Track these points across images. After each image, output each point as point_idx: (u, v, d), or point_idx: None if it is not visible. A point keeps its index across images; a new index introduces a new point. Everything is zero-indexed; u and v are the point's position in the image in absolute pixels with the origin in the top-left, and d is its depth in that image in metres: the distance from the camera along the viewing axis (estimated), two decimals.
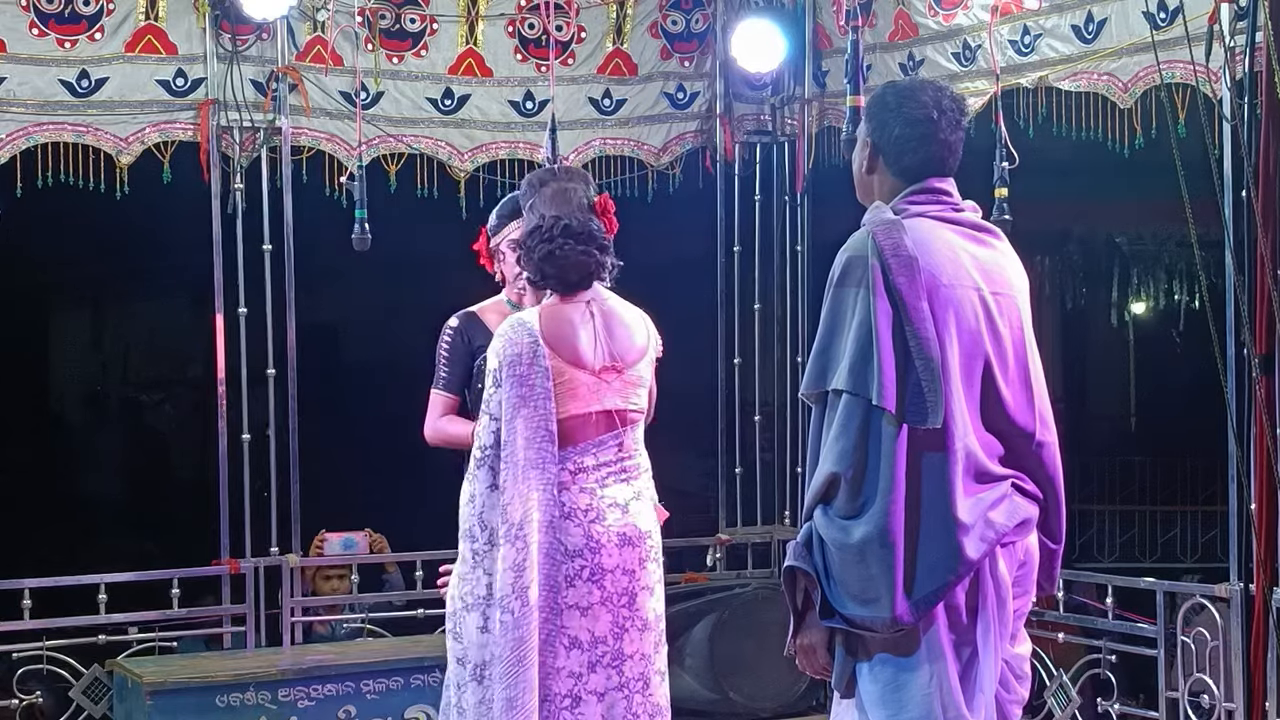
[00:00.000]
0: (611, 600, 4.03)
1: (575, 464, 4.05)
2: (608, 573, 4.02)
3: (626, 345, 4.12)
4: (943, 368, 3.13)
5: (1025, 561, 3.32)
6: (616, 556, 4.04)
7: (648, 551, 4.10)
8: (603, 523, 4.04)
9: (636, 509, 4.10)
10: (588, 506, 4.04)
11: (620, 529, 4.05)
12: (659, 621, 4.13)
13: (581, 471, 4.05)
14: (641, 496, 4.13)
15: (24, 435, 9.28)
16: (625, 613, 4.04)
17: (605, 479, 4.08)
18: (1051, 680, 5.83)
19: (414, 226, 6.96)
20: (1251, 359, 4.89)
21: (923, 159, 3.34)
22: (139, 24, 5.97)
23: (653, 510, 4.17)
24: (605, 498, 4.06)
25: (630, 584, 4.05)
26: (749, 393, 7.12)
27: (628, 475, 4.12)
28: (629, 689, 4.04)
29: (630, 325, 4.16)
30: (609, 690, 4.02)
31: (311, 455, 6.26)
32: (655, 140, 6.88)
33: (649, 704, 4.07)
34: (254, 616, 6.10)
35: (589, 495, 4.04)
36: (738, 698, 6.32)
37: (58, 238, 8.20)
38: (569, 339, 4.05)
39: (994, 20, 5.77)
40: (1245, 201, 4.84)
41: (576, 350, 4.05)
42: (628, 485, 4.11)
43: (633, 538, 4.07)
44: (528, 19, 6.57)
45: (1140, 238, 12.39)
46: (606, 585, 4.03)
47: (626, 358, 4.11)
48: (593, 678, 4.01)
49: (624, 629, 4.05)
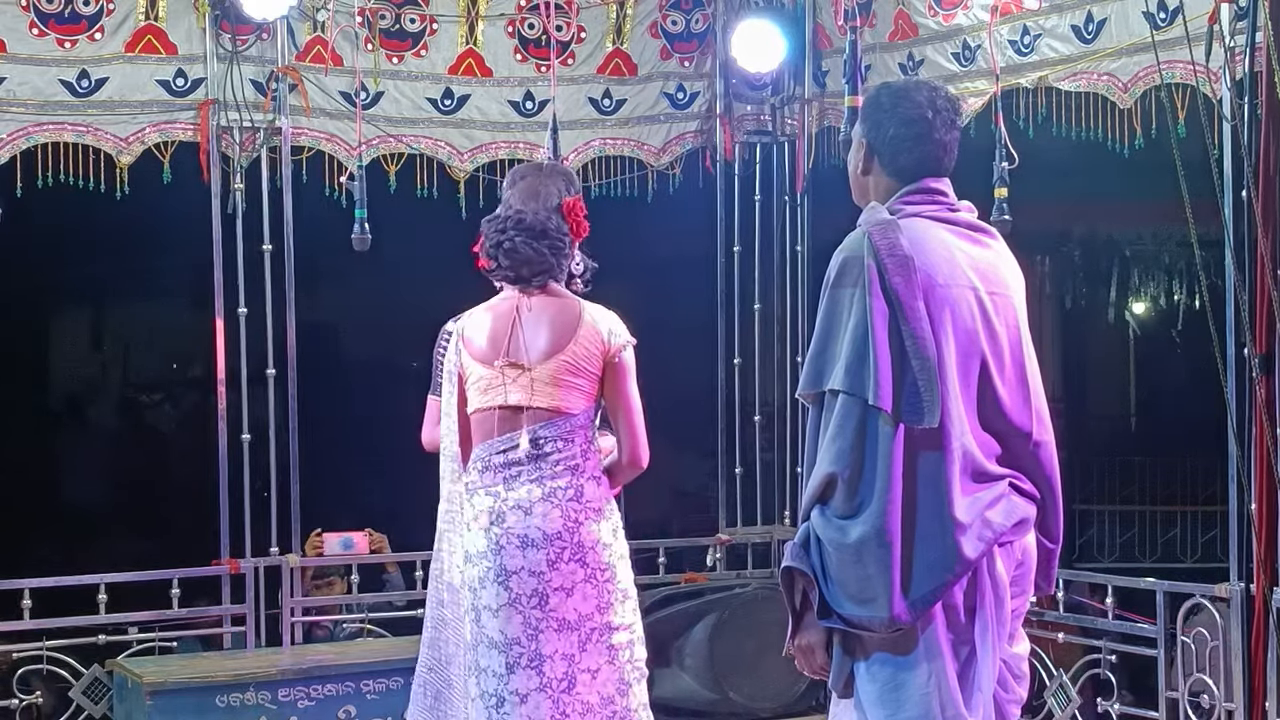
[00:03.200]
0: (520, 602, 4.05)
1: (483, 462, 4.14)
2: (512, 574, 4.05)
3: (543, 343, 4.11)
4: (939, 367, 3.13)
5: (1023, 561, 3.32)
6: (520, 558, 4.05)
7: (558, 553, 4.06)
8: (502, 524, 4.07)
9: (542, 510, 4.07)
10: (489, 509, 4.10)
11: (521, 531, 4.06)
12: (584, 621, 4.08)
13: (489, 470, 4.12)
14: (554, 496, 4.09)
15: (24, 435, 9.27)
16: (537, 614, 4.05)
17: (513, 479, 4.10)
18: (1051, 680, 5.83)
19: (414, 226, 6.95)
20: (1251, 359, 4.89)
21: (918, 159, 3.34)
22: (139, 24, 5.98)
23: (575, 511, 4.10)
24: (509, 500, 4.09)
25: (539, 585, 4.05)
26: (749, 393, 7.12)
27: (540, 475, 4.09)
28: (552, 689, 4.04)
29: (557, 323, 4.14)
30: (530, 691, 4.03)
31: (311, 455, 6.26)
32: (655, 140, 6.88)
33: (577, 702, 4.06)
34: (254, 617, 6.10)
35: (493, 498, 4.10)
36: (737, 698, 6.32)
37: (58, 238, 8.20)
38: (481, 334, 4.16)
39: (994, 20, 5.77)
40: (1245, 201, 4.84)
41: (482, 345, 4.15)
42: (538, 485, 4.09)
43: (535, 540, 4.06)
44: (528, 19, 6.57)
45: (1140, 238, 12.40)
46: (513, 587, 4.05)
47: (536, 355, 4.10)
48: (513, 679, 4.03)
49: (538, 630, 4.05)
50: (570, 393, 4.11)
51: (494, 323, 4.17)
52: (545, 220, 4.13)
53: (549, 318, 4.14)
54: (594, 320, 4.16)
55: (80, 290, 10.30)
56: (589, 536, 4.10)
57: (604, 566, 4.12)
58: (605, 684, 4.10)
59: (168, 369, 10.46)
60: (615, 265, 4.38)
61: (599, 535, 4.12)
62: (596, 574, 4.11)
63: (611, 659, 4.12)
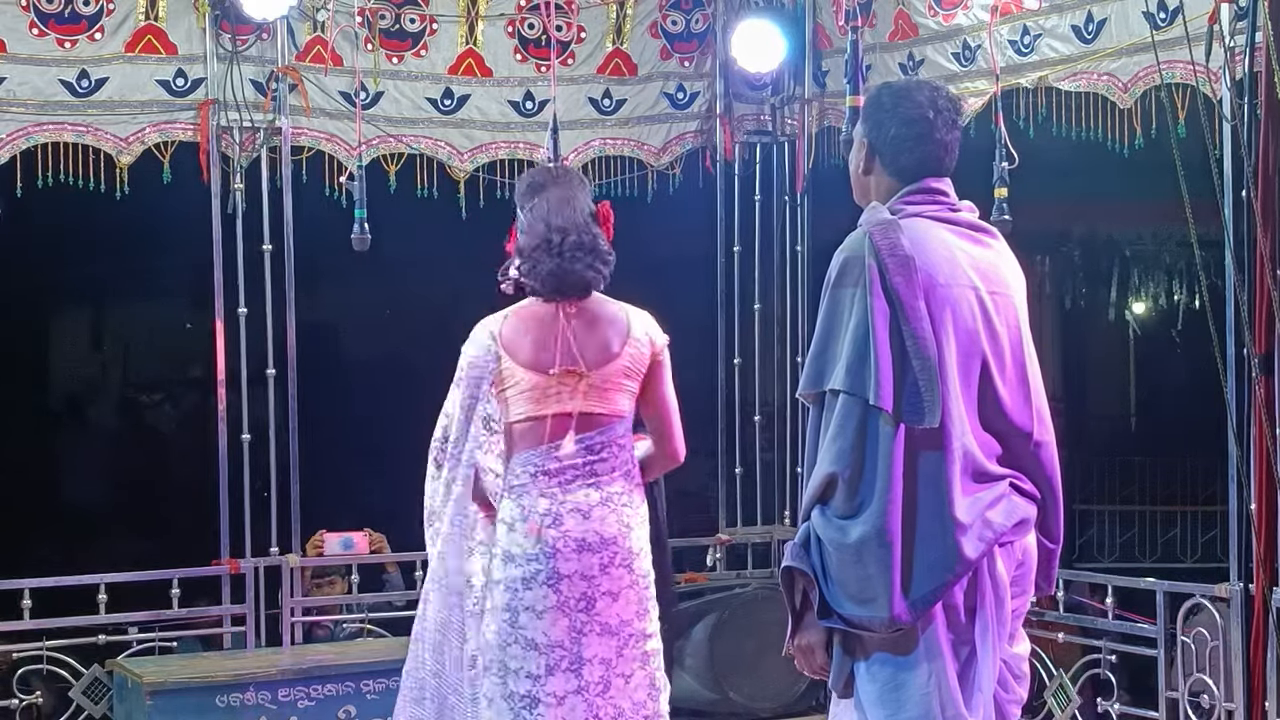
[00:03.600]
0: (568, 605, 4.02)
1: (536, 466, 4.06)
2: (564, 578, 4.02)
3: (597, 349, 4.09)
4: (940, 367, 3.13)
5: (1023, 561, 3.32)
6: (575, 562, 4.02)
7: (610, 558, 4.06)
8: (560, 527, 4.03)
9: (601, 515, 4.06)
10: (546, 510, 4.04)
11: (580, 535, 4.03)
12: (624, 626, 4.08)
13: (543, 474, 4.05)
14: (611, 501, 4.08)
15: (24, 435, 9.28)
16: (583, 618, 4.03)
17: (570, 483, 4.06)
18: (1051, 680, 5.83)
19: (414, 226, 6.96)
20: (1251, 359, 4.89)
21: (919, 159, 3.33)
22: (139, 24, 5.98)
23: (628, 516, 4.10)
24: (567, 503, 4.05)
25: (589, 589, 4.04)
26: (749, 393, 7.12)
27: (597, 479, 4.08)
28: (588, 693, 4.04)
29: (608, 327, 4.12)
30: (568, 694, 4.02)
31: (311, 455, 6.26)
32: (655, 140, 6.88)
33: (609, 706, 4.06)
34: (254, 617, 6.10)
35: (549, 500, 4.04)
36: (737, 698, 6.32)
37: (58, 238, 8.20)
38: (527, 342, 4.07)
39: (994, 20, 5.77)
40: (1245, 201, 4.84)
41: (532, 353, 4.06)
42: (596, 490, 4.07)
43: (592, 544, 4.04)
44: (528, 19, 6.57)
45: (1140, 238, 12.40)
46: (563, 590, 4.02)
47: (593, 361, 4.07)
48: (551, 680, 4.01)
49: (581, 633, 4.04)
50: (623, 396, 4.12)
51: (539, 330, 4.08)
52: (595, 238, 4.10)
53: (601, 324, 4.11)
54: (639, 322, 4.17)
55: (80, 290, 10.30)
56: (636, 542, 4.12)
57: (644, 574, 4.15)
58: (637, 689, 4.12)
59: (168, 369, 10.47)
60: (615, 265, 4.37)
61: (642, 542, 4.15)
62: (639, 580, 4.12)
63: (644, 664, 4.14)
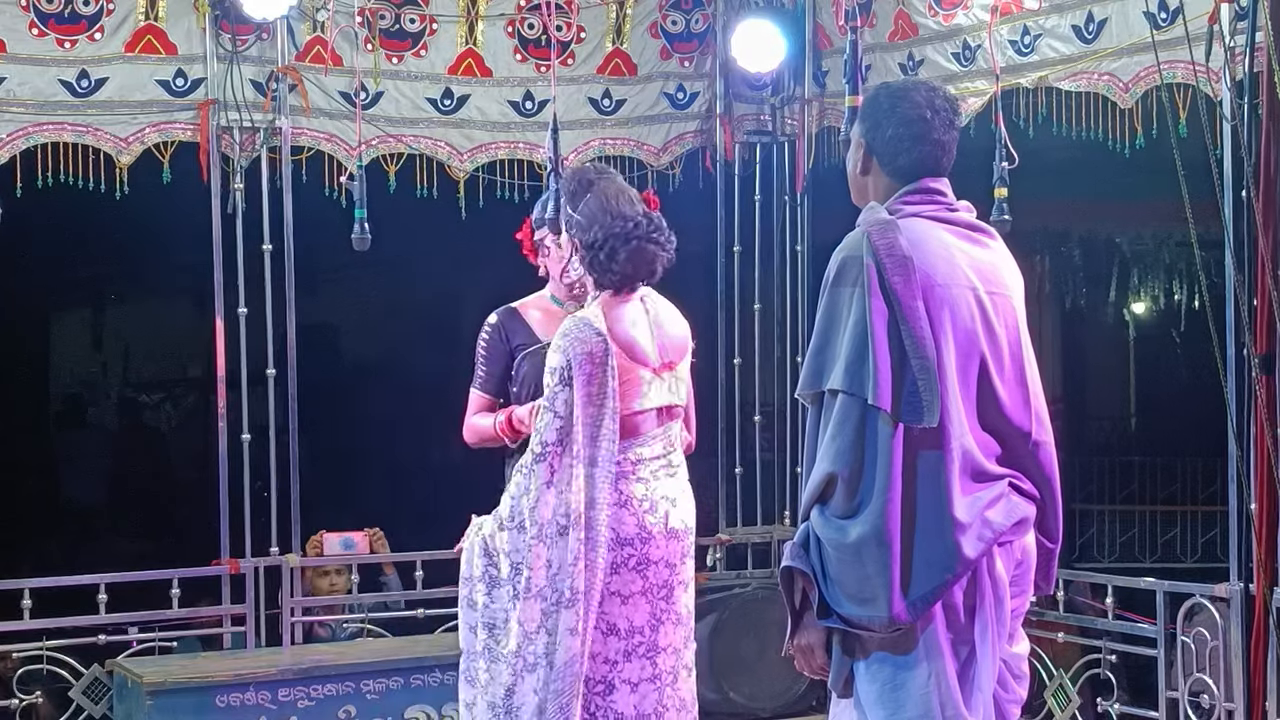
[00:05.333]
0: (652, 591, 4.08)
1: (636, 454, 4.12)
2: (652, 564, 4.09)
3: (675, 342, 4.22)
4: (939, 367, 3.14)
5: (1023, 561, 3.32)
6: (663, 548, 4.10)
7: (688, 547, 4.18)
8: (655, 513, 4.11)
9: (683, 504, 4.19)
10: (643, 496, 4.11)
11: (672, 523, 4.13)
12: (690, 617, 4.20)
13: (641, 462, 4.12)
14: (687, 492, 4.22)
15: (24, 435, 9.29)
16: (663, 605, 4.10)
17: (657, 472, 4.15)
18: (1051, 680, 5.83)
19: (414, 226, 6.96)
20: (1251, 359, 4.89)
21: (917, 159, 3.34)
22: (139, 24, 5.97)
23: (694, 508, 4.24)
24: (658, 490, 4.13)
25: (670, 577, 4.12)
26: (749, 393, 7.12)
27: (674, 470, 4.21)
28: (661, 681, 4.09)
29: (680, 323, 4.26)
30: (642, 681, 4.06)
31: (311, 455, 6.26)
32: (655, 140, 6.88)
33: (677, 697, 4.14)
34: (254, 616, 6.10)
35: (645, 485, 4.11)
36: (738, 698, 6.32)
37: (58, 238, 8.21)
38: (633, 337, 4.13)
39: (994, 20, 5.76)
40: (1245, 201, 4.84)
41: (640, 348, 4.13)
42: (674, 480, 4.19)
43: (679, 532, 4.15)
44: (527, 19, 6.57)
45: (1140, 238, 12.40)
46: (649, 576, 4.08)
47: (677, 354, 4.21)
48: (628, 666, 4.05)
49: (660, 621, 4.10)
50: (685, 388, 4.26)
51: (633, 324, 4.13)
52: (660, 219, 4.19)
53: (671, 317, 4.25)
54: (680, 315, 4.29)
55: (80, 290, 10.32)
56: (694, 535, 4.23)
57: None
58: (693, 684, 4.21)
59: (168, 369, 10.48)
60: None
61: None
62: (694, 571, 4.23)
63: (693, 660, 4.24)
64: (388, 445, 8.77)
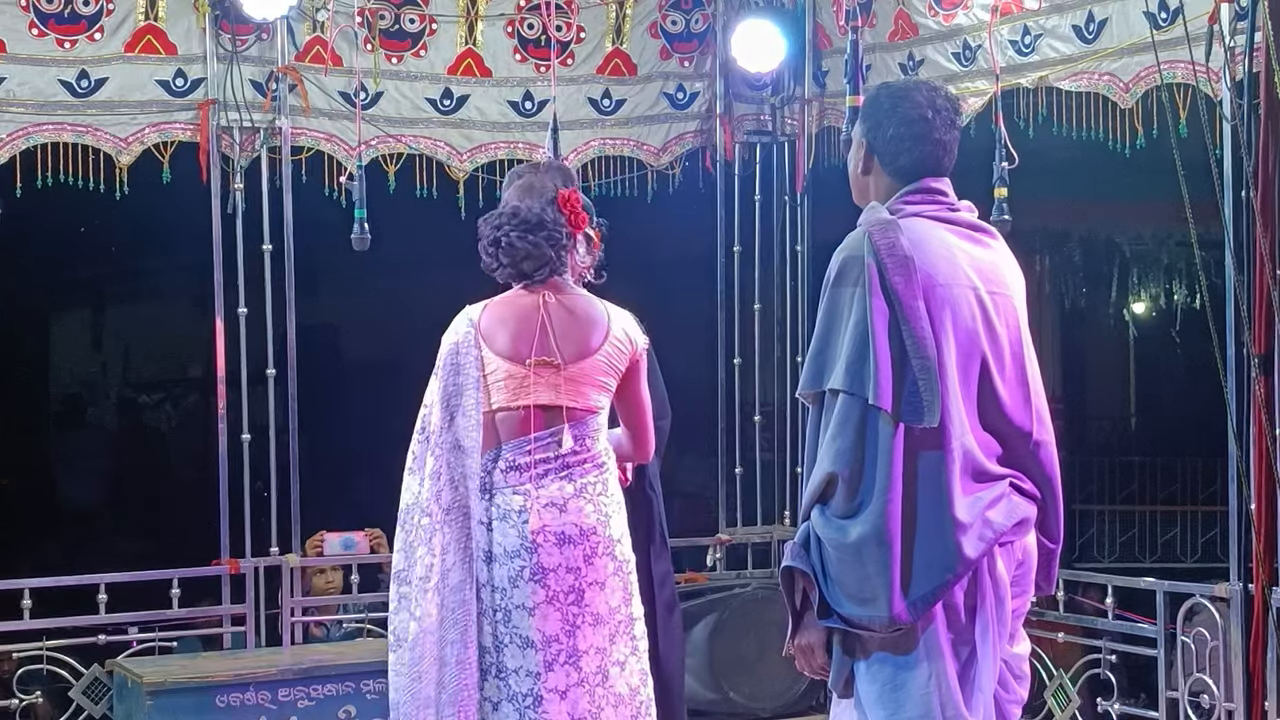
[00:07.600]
0: (559, 599, 4.02)
1: (508, 461, 4.07)
2: (549, 572, 4.02)
3: (574, 343, 4.09)
4: (939, 367, 3.13)
5: (1023, 561, 3.32)
6: (557, 555, 4.02)
7: (593, 548, 4.07)
8: (539, 522, 4.03)
9: (577, 506, 4.07)
10: (521, 508, 4.04)
11: (558, 528, 4.04)
12: (614, 614, 4.10)
13: (514, 470, 4.06)
14: (586, 492, 4.09)
15: (24, 435, 9.29)
16: (574, 610, 4.03)
17: (543, 476, 4.06)
18: (1051, 680, 5.83)
19: (414, 226, 6.96)
20: (1251, 359, 4.89)
21: (918, 159, 3.34)
22: (139, 24, 5.97)
23: (605, 505, 4.12)
24: (541, 497, 4.04)
25: (576, 581, 4.04)
26: (749, 393, 7.12)
27: (570, 472, 4.08)
28: (589, 683, 4.04)
29: (587, 323, 4.12)
30: (570, 687, 4.01)
31: (311, 455, 6.26)
32: (655, 140, 6.88)
33: (610, 694, 4.07)
34: (254, 616, 6.10)
35: (523, 496, 4.04)
36: (738, 698, 6.32)
37: (58, 238, 8.21)
38: (504, 331, 4.08)
39: (994, 20, 5.77)
40: (1245, 201, 4.84)
41: (509, 343, 4.07)
42: (569, 482, 4.08)
43: (572, 536, 4.05)
44: (527, 19, 6.57)
45: (1140, 238, 12.40)
46: (550, 584, 4.02)
47: (569, 355, 4.08)
48: (551, 676, 4.00)
49: (575, 626, 4.03)
50: (599, 392, 4.12)
51: (517, 320, 4.09)
52: (540, 213, 4.10)
53: (579, 317, 4.12)
54: (620, 321, 4.17)
55: (80, 290, 10.32)
56: (616, 529, 4.13)
57: (627, 559, 4.16)
58: (631, 675, 4.13)
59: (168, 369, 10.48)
60: (615, 265, 4.37)
61: (622, 528, 4.16)
62: (622, 567, 4.14)
63: (634, 650, 4.15)
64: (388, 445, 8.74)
